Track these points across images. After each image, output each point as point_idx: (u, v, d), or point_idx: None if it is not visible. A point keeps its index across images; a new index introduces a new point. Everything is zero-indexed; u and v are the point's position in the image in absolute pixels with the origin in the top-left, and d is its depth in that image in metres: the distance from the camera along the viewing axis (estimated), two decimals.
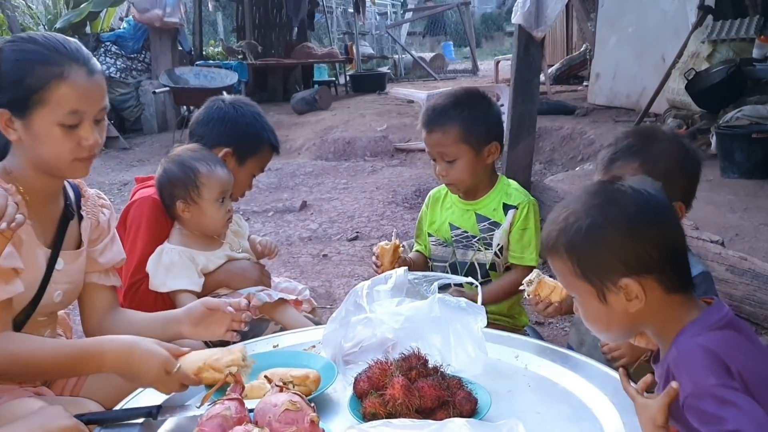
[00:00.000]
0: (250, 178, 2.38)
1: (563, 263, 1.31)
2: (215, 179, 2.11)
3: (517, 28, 4.16)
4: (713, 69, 5.88)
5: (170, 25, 9.43)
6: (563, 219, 1.30)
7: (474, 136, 2.24)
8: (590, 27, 9.38)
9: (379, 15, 20.57)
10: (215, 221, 2.14)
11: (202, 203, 2.11)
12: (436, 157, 2.28)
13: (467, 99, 2.31)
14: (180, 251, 2.11)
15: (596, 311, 1.31)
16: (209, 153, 2.19)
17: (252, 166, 2.34)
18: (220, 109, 2.34)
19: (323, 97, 10.60)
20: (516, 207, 2.30)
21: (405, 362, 1.48)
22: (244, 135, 2.30)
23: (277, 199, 6.00)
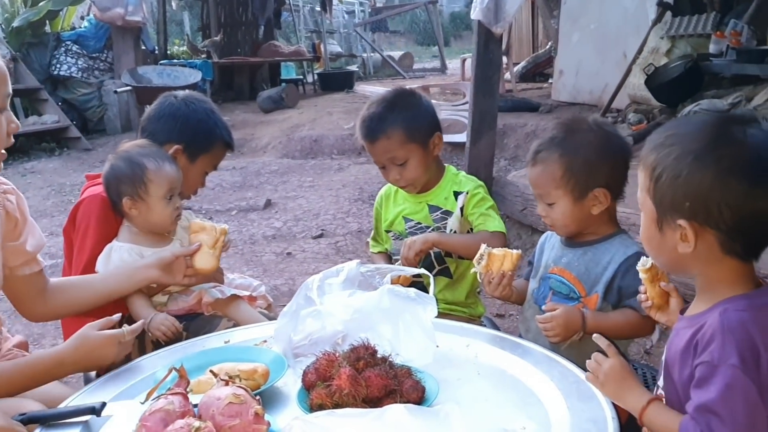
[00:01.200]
0: (203, 176, 2.35)
1: (645, 176, 1.30)
2: (163, 176, 2.08)
3: (477, 24, 4.18)
4: (671, 64, 5.97)
5: (133, 24, 9.31)
6: (666, 136, 1.29)
7: (418, 133, 2.26)
8: (553, 24, 9.46)
9: (347, 14, 20.52)
10: (163, 218, 2.10)
11: (150, 200, 2.07)
12: (386, 164, 2.29)
13: (399, 99, 2.32)
14: (128, 249, 2.08)
15: (651, 235, 1.32)
16: (158, 149, 2.15)
17: (204, 163, 2.31)
18: (172, 105, 2.30)
19: (290, 96, 10.55)
20: (466, 192, 2.32)
21: (353, 353, 1.48)
22: (196, 132, 2.26)
23: (241, 197, 5.96)
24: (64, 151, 8.94)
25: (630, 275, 1.79)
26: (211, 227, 2.02)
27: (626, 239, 1.87)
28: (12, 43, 9.40)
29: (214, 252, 2.04)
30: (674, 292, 1.53)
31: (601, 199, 1.81)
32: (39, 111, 9.31)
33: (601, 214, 1.85)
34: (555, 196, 1.84)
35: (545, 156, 1.85)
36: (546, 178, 1.85)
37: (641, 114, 6.22)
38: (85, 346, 1.65)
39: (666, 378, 1.34)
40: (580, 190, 1.81)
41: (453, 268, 2.36)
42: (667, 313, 1.53)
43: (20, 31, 9.55)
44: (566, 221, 1.86)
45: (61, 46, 9.81)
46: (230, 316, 2.18)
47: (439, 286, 2.34)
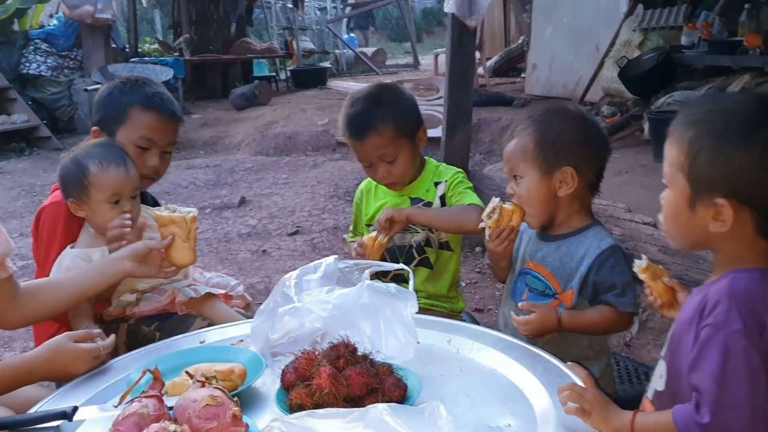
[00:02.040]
0: (134, 151, 2.11)
1: (678, 152, 1.27)
2: (105, 180, 1.97)
3: (451, 17, 4.16)
4: (644, 56, 6.00)
5: (102, 22, 9.16)
6: (706, 111, 1.27)
7: (407, 128, 2.23)
8: (526, 18, 9.49)
9: (319, 10, 20.42)
10: (106, 223, 1.99)
11: (92, 204, 1.98)
12: (375, 162, 2.24)
13: (384, 94, 2.28)
14: (75, 254, 1.99)
15: (679, 212, 1.30)
16: (113, 149, 2.04)
17: (126, 135, 2.12)
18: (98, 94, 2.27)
19: (263, 93, 10.48)
20: (445, 181, 2.30)
21: (333, 351, 1.44)
22: (104, 106, 2.16)
23: (214, 195, 5.90)
24: (34, 151, 8.78)
25: (605, 269, 1.78)
26: (180, 218, 1.88)
27: (600, 231, 1.84)
28: None
29: (189, 243, 1.92)
30: (679, 286, 1.53)
31: (568, 179, 1.79)
32: (8, 111, 9.13)
33: (571, 203, 1.83)
34: (524, 169, 1.83)
35: (521, 130, 1.85)
36: (518, 150, 1.84)
37: (615, 107, 6.26)
38: (58, 358, 1.59)
39: (671, 349, 1.33)
40: (548, 164, 1.79)
41: (433, 258, 2.33)
42: (676, 308, 1.51)
43: None
44: (531, 199, 1.83)
45: (30, 44, 9.63)
46: (205, 315, 2.12)
47: (420, 277, 2.31)
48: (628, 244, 3.25)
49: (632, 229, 3.26)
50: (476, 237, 4.42)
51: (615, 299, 1.77)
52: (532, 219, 1.87)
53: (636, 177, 4.31)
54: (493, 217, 1.84)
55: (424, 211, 2.25)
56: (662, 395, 1.34)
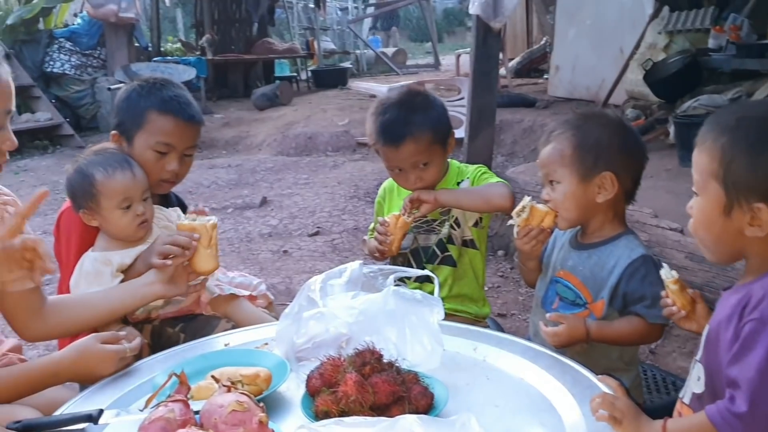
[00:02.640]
0: (152, 156, 2.09)
1: (710, 159, 1.27)
2: (112, 186, 1.96)
3: (475, 18, 4.14)
4: (670, 59, 5.93)
5: (126, 21, 9.22)
6: (738, 118, 1.27)
7: (441, 134, 2.21)
8: (549, 20, 9.43)
9: (340, 10, 20.44)
10: (121, 229, 1.99)
11: (103, 212, 1.97)
12: (408, 168, 2.20)
13: (417, 100, 2.24)
14: (94, 258, 1.99)
15: (712, 221, 1.29)
16: (115, 155, 2.04)
17: (144, 140, 2.09)
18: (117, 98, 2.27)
19: (284, 93, 10.50)
20: (467, 178, 2.29)
21: (358, 358, 1.43)
22: (122, 111, 2.14)
23: (236, 195, 5.91)
24: (57, 149, 8.85)
25: (635, 280, 1.75)
26: (201, 226, 1.88)
27: (632, 241, 1.81)
28: (5, 41, 9.31)
29: (211, 250, 1.92)
30: (699, 297, 1.52)
31: (607, 185, 1.76)
32: (32, 108, 9.22)
33: (607, 210, 1.80)
34: (561, 174, 1.79)
35: (558, 134, 1.82)
36: (555, 155, 1.80)
37: (639, 110, 6.19)
38: (84, 360, 1.59)
39: (708, 350, 1.32)
40: (587, 169, 1.76)
41: (456, 255, 2.30)
42: (695, 320, 1.52)
43: (13, 29, 9.46)
44: (568, 204, 1.79)
45: (54, 43, 9.72)
46: (230, 316, 2.12)
47: (443, 275, 2.29)
48: (655, 250, 3.21)
49: (658, 235, 3.21)
50: (499, 240, 4.39)
51: (645, 311, 1.73)
52: (564, 222, 1.83)
53: (661, 182, 4.26)
54: (522, 215, 1.81)
55: (451, 191, 2.23)
56: (702, 397, 1.33)
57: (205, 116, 8.69)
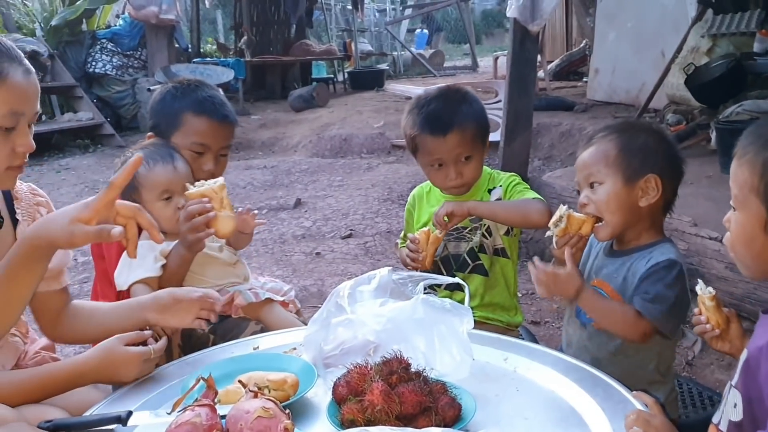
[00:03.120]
0: (189, 156, 2.14)
1: (751, 174, 1.23)
2: (152, 179, 2.01)
3: (513, 22, 4.10)
4: (713, 63, 5.80)
5: (166, 22, 9.36)
6: None
7: (484, 130, 2.21)
8: (589, 23, 9.31)
9: (378, 12, 20.49)
10: (163, 221, 2.00)
11: (145, 204, 1.97)
12: (449, 161, 2.18)
13: (458, 95, 2.24)
14: (140, 244, 2.03)
15: (752, 238, 1.25)
16: (160, 148, 2.08)
17: (181, 141, 2.15)
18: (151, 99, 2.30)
19: (321, 95, 10.54)
20: (499, 186, 2.26)
21: (386, 366, 1.41)
22: (158, 113, 2.20)
23: (271, 196, 5.94)
24: (98, 148, 9.01)
25: (649, 280, 1.69)
26: (209, 190, 1.89)
27: (667, 248, 1.75)
28: (50, 42, 9.51)
29: (226, 211, 1.91)
30: (735, 317, 1.47)
31: (651, 188, 1.71)
32: (74, 108, 9.41)
33: (646, 217, 1.75)
34: (604, 174, 1.74)
35: (601, 137, 1.78)
36: (599, 156, 1.76)
37: (680, 114, 6.08)
38: (109, 361, 1.59)
39: (747, 376, 1.26)
40: (633, 171, 1.72)
41: (488, 264, 2.28)
42: (728, 340, 1.47)
43: (58, 30, 9.66)
44: (611, 206, 1.74)
45: (97, 44, 9.90)
46: (263, 320, 2.13)
47: (474, 284, 2.27)
48: (693, 260, 3.14)
49: (697, 244, 3.14)
50: (534, 246, 4.34)
51: (641, 302, 1.68)
52: (607, 228, 1.77)
53: (702, 189, 4.16)
54: (560, 225, 1.77)
55: (486, 203, 2.21)
56: (741, 426, 1.27)
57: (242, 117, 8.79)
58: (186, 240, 1.96)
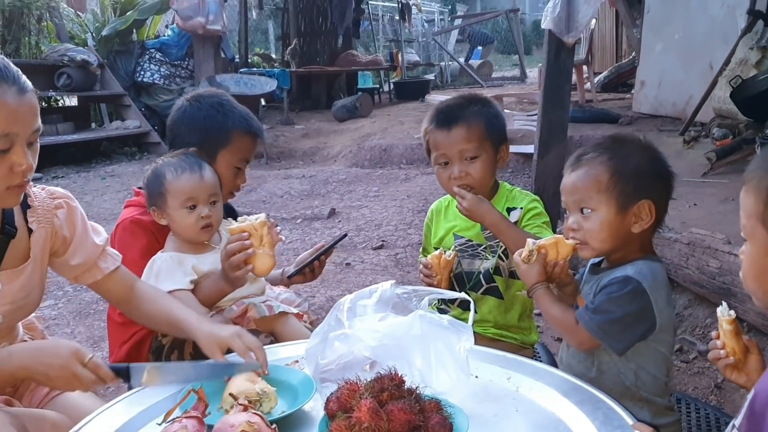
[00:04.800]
0: (232, 171, 2.24)
1: (756, 201, 1.15)
2: (178, 186, 2.04)
3: (547, 33, 4.05)
4: (760, 76, 5.62)
5: (213, 33, 9.52)
6: None
7: (495, 133, 2.18)
8: (636, 33, 9.13)
9: (426, 23, 20.49)
10: (185, 229, 2.07)
11: (169, 210, 2.06)
12: (454, 158, 2.15)
13: (477, 99, 2.25)
14: (168, 256, 2.06)
15: (762, 269, 1.17)
16: (190, 158, 2.11)
17: (227, 158, 2.22)
18: (180, 108, 2.29)
19: (364, 105, 10.58)
20: (520, 208, 2.21)
21: (377, 383, 1.39)
22: (206, 129, 2.21)
23: (307, 206, 5.98)
24: (144, 156, 9.21)
25: (602, 293, 1.66)
26: (249, 226, 1.93)
27: (641, 265, 1.67)
28: (101, 51, 9.79)
29: (265, 249, 1.95)
30: (755, 348, 1.38)
31: (644, 214, 1.65)
32: (122, 116, 9.65)
33: (636, 239, 1.69)
34: (596, 201, 1.66)
35: (591, 158, 1.69)
36: (589, 180, 1.67)
37: (726, 128, 5.90)
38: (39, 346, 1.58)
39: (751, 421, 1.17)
40: (626, 198, 1.64)
41: (503, 287, 2.23)
42: (744, 371, 1.37)
43: (108, 40, 9.93)
44: (603, 235, 1.67)
45: (146, 53, 10.14)
46: (277, 333, 2.13)
47: (488, 306, 2.23)
48: (725, 279, 3.03)
49: (730, 263, 3.02)
50: None
51: (581, 310, 1.65)
52: (596, 250, 1.72)
53: None
54: (533, 259, 1.74)
55: (502, 219, 2.13)
56: None
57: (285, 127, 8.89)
58: (227, 276, 2.00)
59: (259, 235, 1.93)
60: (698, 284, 3.26)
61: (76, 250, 1.82)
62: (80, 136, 9.03)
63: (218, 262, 2.05)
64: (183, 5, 9.27)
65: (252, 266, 1.95)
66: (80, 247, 1.83)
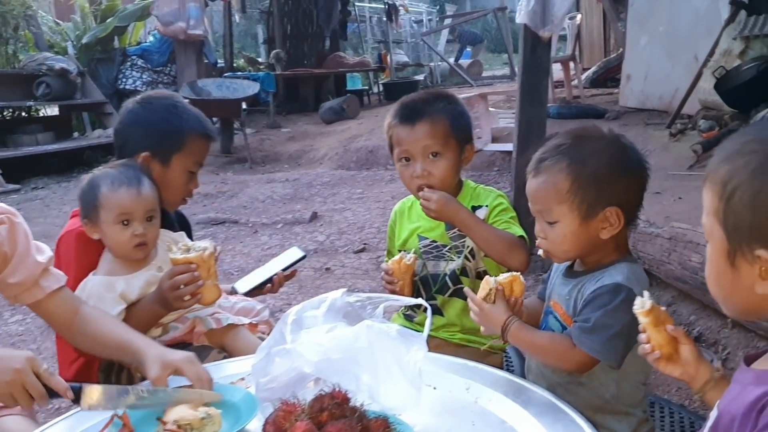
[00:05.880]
0: (185, 177, 2.14)
1: (713, 196, 1.04)
2: (113, 200, 1.93)
3: (523, 28, 3.95)
4: (744, 66, 5.54)
5: (194, 38, 9.41)
6: (743, 143, 1.03)
7: (460, 131, 2.10)
8: (620, 27, 9.06)
9: (415, 23, 20.43)
10: (117, 245, 1.96)
11: (101, 225, 1.95)
12: (417, 155, 2.07)
13: (443, 95, 2.17)
14: (96, 282, 1.95)
15: (720, 272, 1.06)
16: (130, 170, 1.99)
17: (181, 163, 2.11)
18: (131, 111, 2.17)
19: (351, 106, 10.50)
20: (486, 206, 2.11)
21: (316, 402, 1.30)
22: (159, 132, 2.10)
23: (289, 210, 5.88)
24: None
25: (591, 306, 1.53)
26: (197, 257, 1.86)
27: (623, 268, 1.56)
28: (81, 59, 9.70)
29: (213, 280, 1.90)
30: (684, 337, 1.27)
31: (612, 220, 1.54)
32: (105, 124, 9.55)
33: (609, 242, 1.57)
34: (558, 213, 1.55)
35: (550, 165, 1.56)
36: (548, 191, 1.56)
37: (712, 120, 5.82)
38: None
39: None
40: (588, 207, 1.53)
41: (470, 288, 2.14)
42: (680, 364, 1.26)
43: (89, 47, 9.85)
44: (567, 245, 1.58)
45: (128, 60, 10.07)
46: (227, 347, 2.03)
47: (455, 309, 2.14)
48: None
49: None
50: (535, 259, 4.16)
51: (576, 331, 1.52)
52: (562, 258, 1.64)
53: None
54: (489, 299, 1.63)
55: (472, 216, 2.04)
56: None
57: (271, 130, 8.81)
58: (168, 303, 1.91)
59: (207, 267, 1.87)
60: (681, 280, 3.17)
61: (16, 268, 1.72)
62: (61, 145, 8.93)
63: (152, 280, 1.95)
64: (163, 11, 9.16)
65: (200, 297, 1.89)
66: (20, 265, 1.73)
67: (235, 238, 5.16)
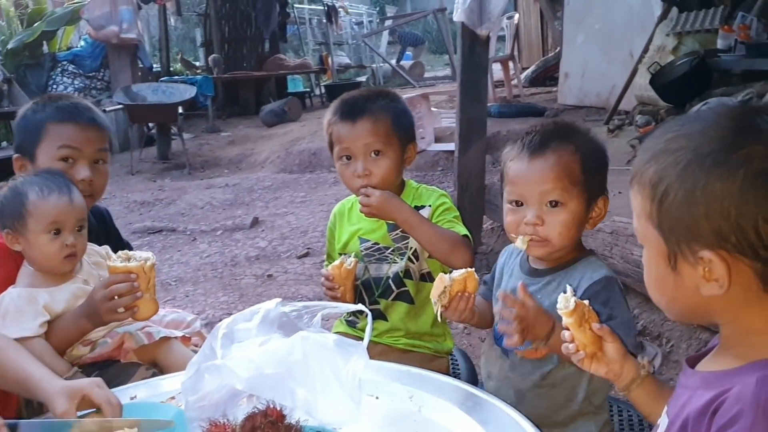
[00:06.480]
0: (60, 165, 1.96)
1: (643, 200, 0.98)
2: (44, 208, 1.80)
3: (461, 26, 3.93)
4: (677, 62, 5.67)
5: (128, 42, 9.16)
6: (668, 140, 0.96)
7: (402, 130, 2.04)
8: (558, 26, 9.19)
9: (356, 24, 20.37)
10: (45, 257, 1.83)
11: (29, 235, 1.81)
12: (357, 153, 1.99)
13: (384, 93, 2.12)
14: (17, 294, 1.82)
15: (661, 276, 1.00)
16: (57, 178, 1.87)
17: (46, 151, 1.97)
18: None
19: (293, 109, 10.39)
20: (428, 206, 2.06)
21: (248, 421, 1.23)
22: (20, 130, 2.03)
23: (229, 216, 5.74)
24: None
25: (596, 303, 1.46)
26: (138, 268, 1.74)
27: (594, 262, 1.57)
28: (8, 66, 9.32)
29: (150, 294, 1.78)
30: (609, 335, 1.24)
31: (601, 208, 1.54)
32: None
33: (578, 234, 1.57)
34: (569, 195, 1.48)
35: (558, 146, 1.50)
36: (563, 170, 1.48)
37: (648, 115, 5.94)
38: None
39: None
40: (591, 192, 1.51)
41: (413, 291, 2.07)
42: (605, 362, 1.24)
43: (16, 53, 9.49)
44: (570, 231, 1.51)
45: (58, 66, 9.74)
46: (159, 361, 1.92)
47: (399, 313, 2.07)
48: None
49: None
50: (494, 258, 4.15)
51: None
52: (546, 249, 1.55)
53: None
54: (444, 300, 1.57)
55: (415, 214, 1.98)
56: None
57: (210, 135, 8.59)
58: (98, 316, 1.78)
59: (146, 279, 1.75)
60: (623, 274, 3.18)
61: None
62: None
63: (79, 293, 1.83)
64: (94, 14, 8.89)
65: (136, 310, 1.76)
66: None
67: (172, 246, 5.00)
